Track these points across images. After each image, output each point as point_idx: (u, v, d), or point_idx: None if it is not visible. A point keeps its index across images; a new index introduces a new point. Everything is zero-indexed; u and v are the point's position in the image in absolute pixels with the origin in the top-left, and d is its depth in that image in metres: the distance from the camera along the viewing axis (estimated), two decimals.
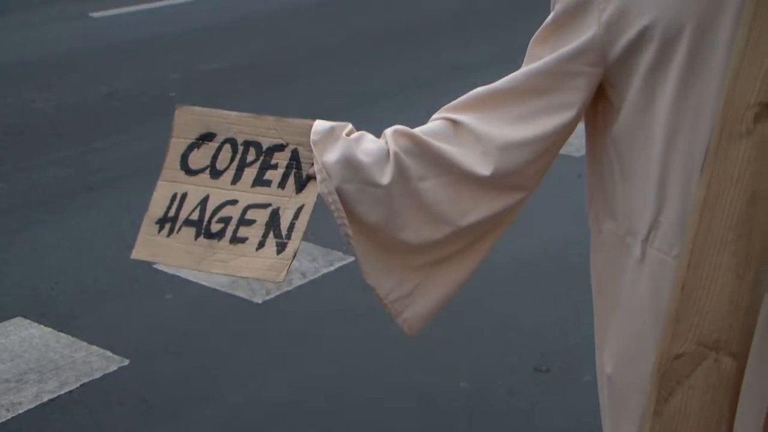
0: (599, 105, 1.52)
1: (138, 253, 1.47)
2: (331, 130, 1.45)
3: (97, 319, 3.74)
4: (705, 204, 1.31)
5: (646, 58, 1.40)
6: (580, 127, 1.57)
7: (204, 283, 3.92)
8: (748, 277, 1.30)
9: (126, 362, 3.43)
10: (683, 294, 1.33)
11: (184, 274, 3.98)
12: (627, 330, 1.56)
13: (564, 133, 1.49)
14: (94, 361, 3.44)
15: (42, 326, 3.66)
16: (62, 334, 3.61)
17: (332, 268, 4.07)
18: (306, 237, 1.45)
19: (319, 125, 1.45)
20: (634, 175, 1.48)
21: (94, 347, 3.52)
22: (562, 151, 1.56)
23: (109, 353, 3.48)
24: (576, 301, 3.65)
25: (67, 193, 4.91)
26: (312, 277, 4.00)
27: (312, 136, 1.44)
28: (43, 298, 3.91)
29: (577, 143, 1.64)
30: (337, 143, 1.43)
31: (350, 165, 1.42)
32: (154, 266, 3.98)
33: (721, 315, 1.31)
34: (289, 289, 3.90)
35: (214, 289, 3.90)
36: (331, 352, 3.51)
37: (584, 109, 1.49)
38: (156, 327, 3.69)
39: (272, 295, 3.87)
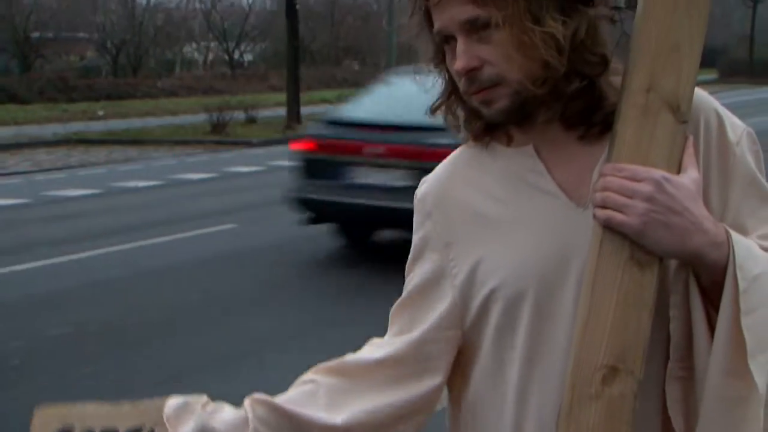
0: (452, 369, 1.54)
1: None
2: (185, 404, 1.43)
3: None
4: None
5: (493, 320, 1.44)
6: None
7: None
8: None
9: None
10: None
11: None
12: None
13: (427, 399, 1.49)
14: None
15: None
16: None
17: None
18: None
19: (173, 401, 1.43)
20: None
21: None
22: None
23: None
24: None
25: None
26: None
27: (165, 412, 1.42)
28: None
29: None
30: (193, 416, 1.41)
31: None
32: None
33: None
34: None
35: None
36: None
37: (448, 373, 1.50)
38: None
39: None
